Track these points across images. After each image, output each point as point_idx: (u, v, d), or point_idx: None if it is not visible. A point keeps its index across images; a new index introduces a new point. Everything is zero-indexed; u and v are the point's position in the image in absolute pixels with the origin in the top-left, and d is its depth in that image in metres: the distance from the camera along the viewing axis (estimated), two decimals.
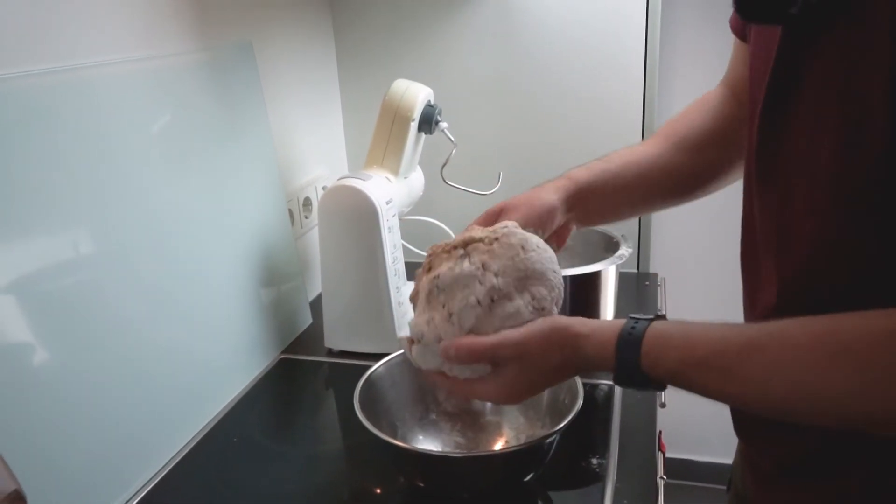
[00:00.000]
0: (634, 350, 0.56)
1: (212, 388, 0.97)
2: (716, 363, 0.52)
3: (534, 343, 0.62)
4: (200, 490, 0.84)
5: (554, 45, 1.34)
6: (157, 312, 0.87)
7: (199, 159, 0.96)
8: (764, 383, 0.50)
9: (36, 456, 0.69)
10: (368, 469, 0.87)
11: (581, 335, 0.60)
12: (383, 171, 1.11)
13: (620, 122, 1.35)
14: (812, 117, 0.52)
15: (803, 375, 0.48)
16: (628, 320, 0.58)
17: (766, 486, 0.67)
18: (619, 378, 0.58)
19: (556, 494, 0.80)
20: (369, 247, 1.04)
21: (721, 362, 0.52)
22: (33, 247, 0.71)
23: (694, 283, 1.65)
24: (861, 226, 0.50)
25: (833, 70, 0.49)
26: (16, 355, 0.69)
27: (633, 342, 0.56)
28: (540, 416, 0.82)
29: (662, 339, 0.55)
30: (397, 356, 0.86)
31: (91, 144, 0.78)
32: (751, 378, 0.50)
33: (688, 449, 1.98)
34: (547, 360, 0.62)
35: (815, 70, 0.51)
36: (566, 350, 0.61)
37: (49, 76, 0.74)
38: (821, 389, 0.47)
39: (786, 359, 0.49)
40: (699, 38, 1.64)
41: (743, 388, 0.51)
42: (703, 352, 0.53)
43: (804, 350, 0.48)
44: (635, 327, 0.57)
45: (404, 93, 1.09)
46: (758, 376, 0.50)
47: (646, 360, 0.55)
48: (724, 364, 0.52)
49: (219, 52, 1.02)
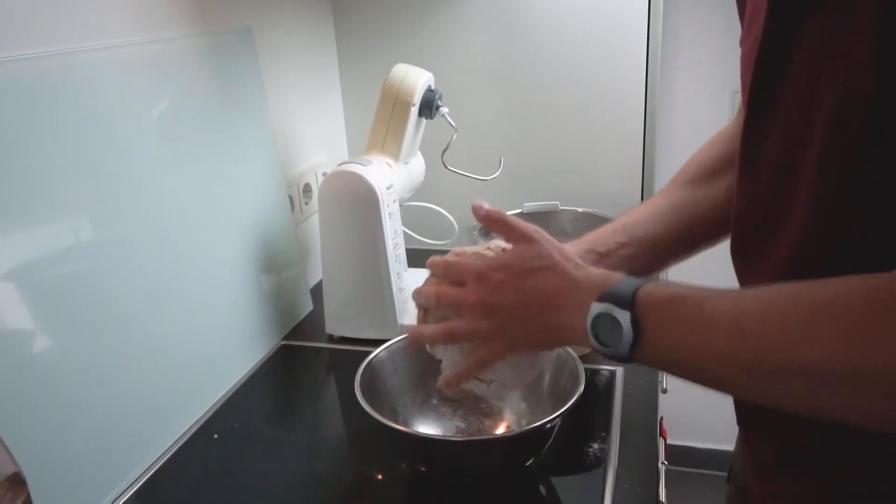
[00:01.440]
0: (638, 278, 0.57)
1: (212, 375, 0.97)
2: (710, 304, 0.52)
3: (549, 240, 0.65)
4: (201, 476, 0.84)
5: (556, 29, 1.33)
6: (157, 300, 0.86)
7: (198, 146, 0.95)
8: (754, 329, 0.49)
9: (35, 443, 0.69)
10: (370, 454, 0.87)
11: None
12: (384, 156, 1.10)
13: (622, 108, 1.35)
14: (800, 99, 0.51)
15: (792, 321, 0.47)
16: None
17: (767, 476, 0.67)
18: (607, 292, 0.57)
19: (557, 479, 0.80)
20: (370, 233, 1.04)
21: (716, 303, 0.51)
22: (31, 235, 0.71)
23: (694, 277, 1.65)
24: (852, 207, 0.50)
25: (819, 50, 0.49)
26: (15, 343, 0.69)
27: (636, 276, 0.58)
28: (541, 402, 0.82)
29: (664, 283, 0.57)
30: (398, 342, 0.85)
31: (89, 130, 0.77)
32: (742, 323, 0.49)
33: (689, 436, 1.99)
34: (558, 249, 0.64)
35: (801, 50, 0.50)
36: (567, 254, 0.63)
37: (46, 60, 0.73)
38: (806, 340, 0.46)
39: (776, 306, 0.48)
40: (701, 22, 1.63)
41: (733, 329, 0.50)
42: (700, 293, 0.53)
43: (792, 301, 0.48)
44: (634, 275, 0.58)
45: (404, 77, 1.08)
46: (749, 321, 0.49)
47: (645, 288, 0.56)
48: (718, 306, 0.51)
49: (218, 37, 1.01)
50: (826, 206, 0.51)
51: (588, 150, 1.39)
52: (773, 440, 0.65)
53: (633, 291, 0.55)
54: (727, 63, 1.64)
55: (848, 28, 0.46)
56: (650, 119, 1.34)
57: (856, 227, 0.50)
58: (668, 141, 1.69)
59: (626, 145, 1.37)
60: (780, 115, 0.54)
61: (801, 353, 0.46)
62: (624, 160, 1.38)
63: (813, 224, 0.53)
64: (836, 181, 0.50)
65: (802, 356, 0.46)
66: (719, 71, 1.66)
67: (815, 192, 0.51)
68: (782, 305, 0.48)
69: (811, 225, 0.53)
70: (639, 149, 1.37)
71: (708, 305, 0.52)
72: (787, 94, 0.52)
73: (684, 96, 1.70)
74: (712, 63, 1.66)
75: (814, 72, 0.50)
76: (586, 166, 1.40)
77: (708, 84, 1.68)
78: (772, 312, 0.48)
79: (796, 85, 0.51)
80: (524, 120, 1.40)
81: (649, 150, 1.37)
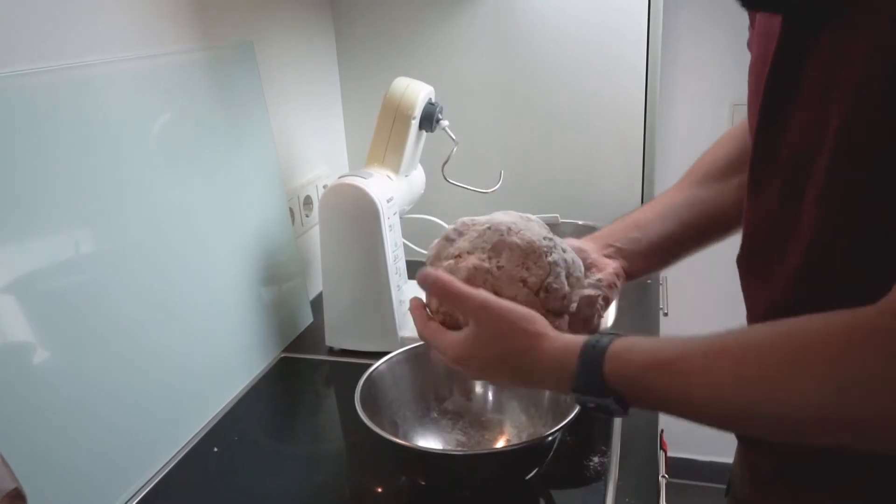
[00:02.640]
0: (599, 354, 0.55)
1: (212, 387, 0.97)
2: (679, 366, 0.51)
3: (495, 315, 0.61)
4: (201, 489, 0.84)
5: (556, 43, 1.33)
6: (158, 311, 0.86)
7: (199, 158, 0.96)
8: (728, 385, 0.49)
9: (36, 455, 0.69)
10: (370, 467, 0.87)
11: (545, 334, 0.60)
12: (384, 169, 1.10)
13: (622, 121, 1.35)
14: (813, 111, 0.51)
15: (767, 373, 0.47)
16: (596, 335, 0.58)
17: (765, 490, 0.67)
18: (577, 384, 0.57)
19: (557, 493, 0.80)
20: (370, 245, 1.04)
21: (685, 365, 0.51)
22: (33, 246, 0.71)
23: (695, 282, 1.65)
24: (863, 218, 0.50)
25: (831, 65, 0.49)
26: (16, 354, 0.69)
27: (599, 348, 0.55)
28: (542, 415, 0.82)
29: (627, 346, 0.55)
30: (398, 354, 0.85)
31: (91, 143, 0.78)
32: (715, 380, 0.49)
33: (690, 448, 1.98)
34: (500, 338, 0.61)
35: (815, 62, 0.50)
36: (524, 339, 0.60)
37: (49, 75, 0.74)
38: (784, 389, 0.46)
39: (749, 357, 0.48)
40: (701, 35, 1.64)
41: (707, 391, 0.50)
42: (666, 355, 0.53)
43: (767, 349, 0.48)
44: (601, 339, 0.56)
45: (405, 91, 1.09)
46: (721, 378, 0.49)
47: (609, 365, 0.55)
48: (687, 367, 0.51)
49: (219, 51, 1.02)
50: (833, 222, 0.51)
51: (588, 162, 1.40)
52: (771, 455, 0.64)
53: (600, 377, 0.55)
54: (726, 75, 1.64)
55: (860, 43, 0.46)
56: (650, 131, 1.35)
57: (862, 244, 0.50)
58: (667, 153, 1.69)
59: (625, 158, 1.37)
60: (790, 130, 0.54)
61: (782, 403, 0.46)
62: (624, 172, 1.38)
63: (820, 241, 0.53)
64: (844, 197, 0.50)
65: (784, 407, 0.46)
66: (718, 83, 1.66)
67: (823, 207, 0.51)
68: (757, 358, 0.48)
69: (818, 242, 0.53)
70: (638, 161, 1.37)
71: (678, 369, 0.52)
72: (798, 109, 0.52)
73: (684, 108, 1.70)
74: (712, 75, 1.67)
75: (825, 88, 0.50)
76: (586, 179, 1.41)
77: (707, 96, 1.68)
78: (747, 366, 0.48)
79: (807, 100, 0.51)
80: (524, 133, 1.41)
81: (649, 163, 1.37)
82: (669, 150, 1.70)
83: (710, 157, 0.80)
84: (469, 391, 0.87)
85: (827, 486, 0.59)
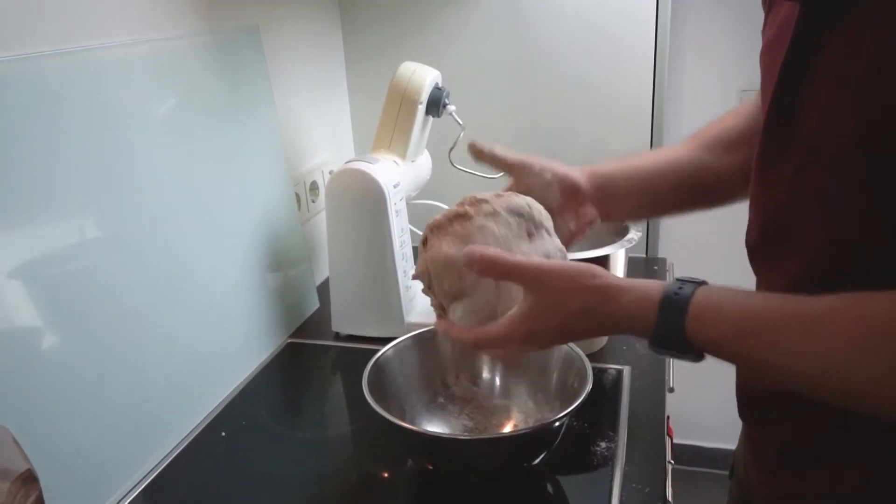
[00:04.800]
0: (681, 311, 0.53)
1: (219, 373, 0.97)
2: (767, 336, 0.50)
3: (557, 276, 0.58)
4: (208, 474, 0.84)
5: (563, 27, 1.32)
6: (163, 298, 0.86)
7: (204, 143, 0.95)
8: (817, 357, 0.48)
9: (44, 439, 0.69)
10: (377, 452, 0.87)
11: (615, 286, 0.57)
12: (391, 154, 1.10)
13: (630, 105, 1.34)
14: (830, 95, 0.51)
15: (857, 354, 0.46)
16: (674, 282, 0.55)
17: (770, 472, 0.66)
18: (657, 339, 0.55)
19: (564, 478, 0.80)
20: (377, 230, 1.03)
21: (778, 335, 0.50)
22: (36, 233, 0.71)
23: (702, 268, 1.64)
24: (886, 200, 0.49)
25: (847, 54, 0.48)
26: (24, 340, 0.69)
27: (679, 303, 0.53)
28: (549, 400, 0.82)
29: (712, 305, 0.53)
30: (405, 340, 0.85)
31: (95, 128, 0.77)
32: (805, 352, 0.49)
33: (695, 435, 1.98)
34: (567, 299, 0.58)
35: (833, 50, 0.50)
36: (593, 296, 0.57)
37: (53, 59, 0.73)
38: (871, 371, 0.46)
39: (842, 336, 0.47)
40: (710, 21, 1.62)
41: (792, 360, 0.50)
42: (755, 322, 0.51)
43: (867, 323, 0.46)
44: (682, 289, 0.54)
45: (412, 75, 1.08)
46: (812, 351, 0.48)
47: (692, 324, 0.53)
48: (782, 338, 0.50)
49: (225, 34, 1.01)
50: (845, 212, 0.51)
51: (595, 147, 1.39)
52: (777, 436, 0.64)
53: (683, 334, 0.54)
54: (735, 61, 1.63)
55: (879, 29, 0.46)
56: (658, 116, 1.34)
57: (881, 225, 0.49)
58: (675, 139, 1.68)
59: (633, 142, 1.36)
60: (805, 114, 0.53)
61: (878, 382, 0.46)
62: None
63: (837, 221, 0.52)
64: (858, 186, 0.50)
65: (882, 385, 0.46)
66: (727, 68, 1.65)
67: (835, 198, 0.51)
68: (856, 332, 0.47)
69: (835, 223, 0.52)
70: (646, 146, 1.36)
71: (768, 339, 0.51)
72: (815, 93, 0.52)
73: (692, 94, 1.69)
74: (720, 61, 1.65)
75: (843, 73, 0.49)
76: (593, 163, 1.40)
77: (716, 82, 1.67)
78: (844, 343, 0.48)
79: (824, 85, 0.51)
80: (531, 117, 1.40)
81: (657, 148, 1.36)
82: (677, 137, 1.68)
83: (720, 125, 0.80)
84: (476, 377, 0.87)
85: (833, 471, 0.59)
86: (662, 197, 0.79)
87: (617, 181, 0.78)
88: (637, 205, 0.79)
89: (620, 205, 0.78)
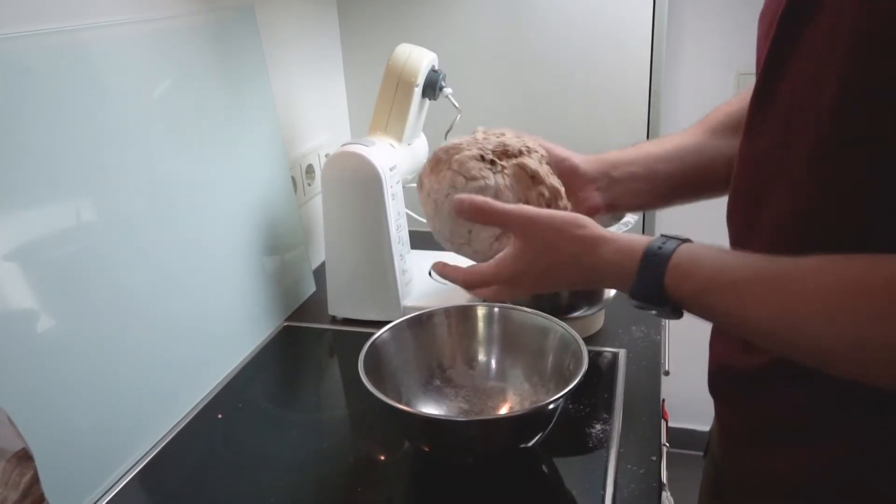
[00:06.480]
0: (661, 264, 0.54)
1: (216, 356, 0.98)
2: (740, 290, 0.51)
3: (546, 223, 0.61)
4: (205, 456, 0.84)
5: (560, 10, 1.32)
6: (160, 280, 0.86)
7: (200, 126, 0.95)
8: (795, 314, 0.48)
9: (40, 420, 0.69)
10: (373, 435, 0.87)
11: (600, 236, 0.59)
12: (387, 137, 1.10)
13: (627, 89, 1.34)
14: (819, 54, 0.50)
15: (834, 312, 0.46)
16: (659, 237, 0.57)
17: (738, 448, 0.67)
18: (636, 291, 0.57)
19: (559, 460, 0.80)
20: (373, 214, 1.03)
21: (746, 290, 0.51)
22: (33, 215, 0.71)
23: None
24: (860, 168, 0.49)
25: (840, 13, 0.48)
26: (21, 322, 0.69)
27: (661, 256, 0.55)
28: (544, 382, 0.82)
29: (692, 259, 0.54)
30: (401, 323, 0.85)
31: (89, 108, 0.77)
32: (783, 308, 0.49)
33: (690, 418, 1.99)
34: (554, 247, 0.60)
35: (824, 11, 0.49)
36: (577, 245, 0.59)
37: (46, 38, 0.72)
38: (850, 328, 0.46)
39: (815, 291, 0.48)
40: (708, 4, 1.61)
41: (767, 322, 0.50)
42: (728, 276, 0.52)
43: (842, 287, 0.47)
44: (666, 244, 0.56)
45: (408, 58, 1.07)
46: (790, 307, 0.49)
47: (670, 278, 0.54)
48: (750, 293, 0.51)
49: (220, 14, 1.00)
50: (822, 174, 0.51)
51: (592, 130, 1.38)
52: (743, 411, 0.64)
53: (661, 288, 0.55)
54: (732, 45, 1.62)
55: None
56: (654, 100, 1.34)
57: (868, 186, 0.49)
58: (672, 122, 1.67)
59: (630, 127, 1.36)
60: (791, 74, 0.53)
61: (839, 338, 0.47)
62: (628, 141, 1.36)
63: (810, 184, 0.52)
64: (841, 140, 0.49)
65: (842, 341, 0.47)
66: (724, 52, 1.64)
67: (818, 149, 0.51)
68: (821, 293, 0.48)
69: (808, 184, 0.52)
70: (643, 130, 1.36)
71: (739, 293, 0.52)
72: (801, 55, 0.52)
73: (689, 78, 1.68)
74: (717, 44, 1.65)
75: (830, 35, 0.49)
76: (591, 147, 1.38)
77: (713, 66, 1.66)
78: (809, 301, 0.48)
79: (811, 46, 0.51)
80: (527, 101, 1.39)
81: (654, 131, 1.36)
82: (674, 119, 1.68)
83: (726, 109, 0.79)
84: (472, 360, 0.88)
85: (799, 447, 0.58)
86: (670, 183, 0.78)
87: (621, 166, 0.77)
88: (643, 190, 0.78)
89: (626, 191, 0.78)
